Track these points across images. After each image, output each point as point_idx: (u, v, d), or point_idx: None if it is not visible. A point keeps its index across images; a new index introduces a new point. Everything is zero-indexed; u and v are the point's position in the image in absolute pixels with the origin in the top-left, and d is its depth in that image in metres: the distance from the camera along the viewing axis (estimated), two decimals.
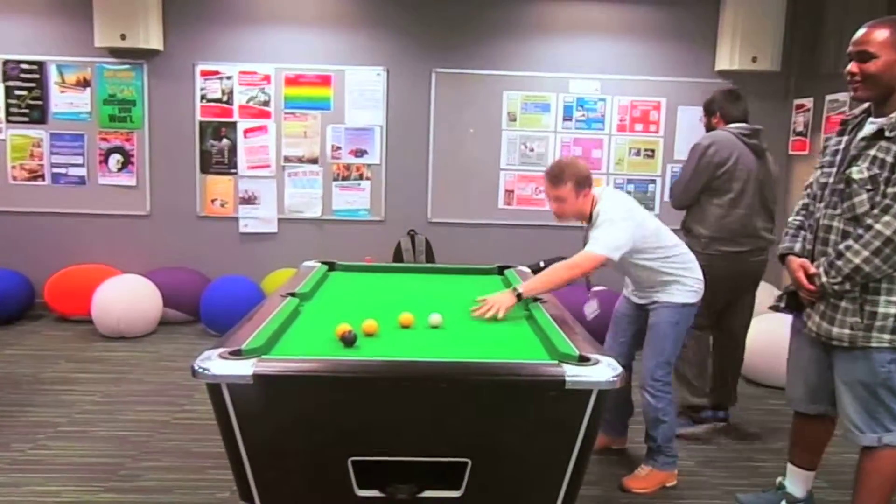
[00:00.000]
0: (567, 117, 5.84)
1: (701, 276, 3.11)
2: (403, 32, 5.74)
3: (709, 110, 3.74)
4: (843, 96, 5.03)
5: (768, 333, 4.54)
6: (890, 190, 2.23)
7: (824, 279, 2.35)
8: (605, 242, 2.85)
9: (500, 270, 3.72)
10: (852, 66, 2.33)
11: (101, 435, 3.51)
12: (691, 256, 3.11)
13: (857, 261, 2.25)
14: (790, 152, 5.79)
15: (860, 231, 2.27)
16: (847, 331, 2.35)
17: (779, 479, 2.95)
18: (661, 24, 5.77)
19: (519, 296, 2.75)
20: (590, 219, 2.98)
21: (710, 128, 3.71)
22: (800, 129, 5.66)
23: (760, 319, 4.72)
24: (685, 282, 3.05)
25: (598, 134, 5.86)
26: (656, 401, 3.08)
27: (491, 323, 2.66)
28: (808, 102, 5.53)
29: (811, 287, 2.45)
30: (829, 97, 5.22)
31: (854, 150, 2.36)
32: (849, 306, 2.34)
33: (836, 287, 2.33)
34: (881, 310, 2.30)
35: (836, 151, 2.47)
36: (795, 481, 2.85)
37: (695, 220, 3.64)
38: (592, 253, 2.86)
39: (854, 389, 2.41)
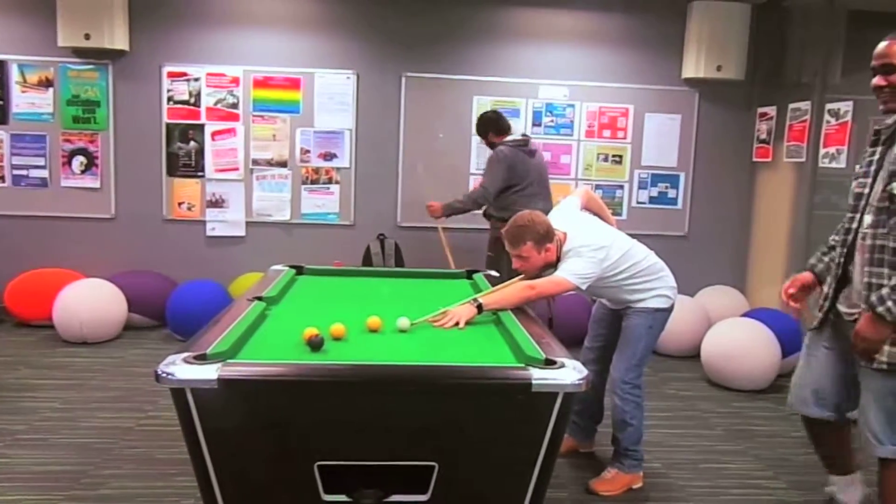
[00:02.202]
0: (536, 123, 5.88)
1: (673, 284, 3.15)
2: (373, 36, 5.73)
3: (486, 131, 4.86)
4: (806, 105, 5.14)
5: (728, 338, 4.62)
6: None
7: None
8: (572, 271, 2.90)
9: (469, 275, 3.73)
10: (878, 80, 2.32)
11: (62, 442, 3.43)
12: (661, 265, 3.15)
13: None
14: (754, 159, 5.91)
15: None
16: None
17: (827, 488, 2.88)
18: (629, 32, 5.85)
19: (479, 307, 2.77)
20: (558, 261, 3.01)
21: (491, 144, 4.82)
22: (763, 136, 5.77)
23: (721, 324, 4.81)
24: (657, 290, 3.08)
25: (567, 139, 5.91)
26: (624, 403, 3.12)
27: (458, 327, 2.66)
28: (772, 111, 5.64)
29: (790, 302, 2.63)
30: (791, 105, 5.33)
31: (893, 165, 2.31)
32: None
33: None
34: None
35: (871, 162, 2.43)
36: (845, 490, 2.78)
37: (497, 208, 4.71)
38: (559, 278, 2.91)
39: (884, 401, 2.39)
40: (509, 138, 4.78)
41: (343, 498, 2.04)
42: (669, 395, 4.49)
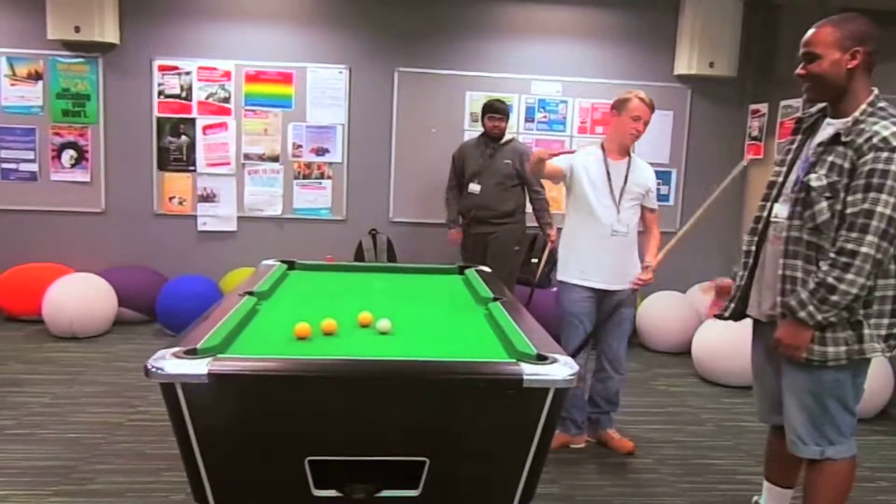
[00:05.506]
0: (529, 118, 5.88)
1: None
2: (366, 31, 5.72)
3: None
4: (797, 102, 5.16)
5: (719, 334, 4.64)
6: (850, 198, 2.10)
7: (819, 317, 2.16)
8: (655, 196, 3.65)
9: (461, 270, 3.72)
10: (800, 69, 2.28)
11: (51, 437, 3.41)
12: None
13: (854, 290, 2.12)
14: (746, 156, 5.91)
15: (844, 259, 2.11)
16: (843, 347, 2.22)
17: (755, 498, 2.80)
18: (621, 28, 5.85)
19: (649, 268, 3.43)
20: (628, 153, 3.59)
21: (497, 130, 4.98)
22: (755, 133, 5.78)
23: (712, 321, 4.81)
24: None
25: (560, 135, 5.91)
26: (624, 375, 3.58)
27: (450, 322, 2.66)
28: (763, 107, 5.66)
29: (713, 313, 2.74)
30: (783, 102, 5.35)
31: (812, 155, 2.24)
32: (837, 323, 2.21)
33: (832, 319, 2.17)
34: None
35: (789, 151, 2.39)
36: (770, 500, 2.66)
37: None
38: (656, 212, 3.69)
39: (803, 398, 2.32)
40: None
41: (334, 493, 2.04)
42: (660, 391, 4.50)
